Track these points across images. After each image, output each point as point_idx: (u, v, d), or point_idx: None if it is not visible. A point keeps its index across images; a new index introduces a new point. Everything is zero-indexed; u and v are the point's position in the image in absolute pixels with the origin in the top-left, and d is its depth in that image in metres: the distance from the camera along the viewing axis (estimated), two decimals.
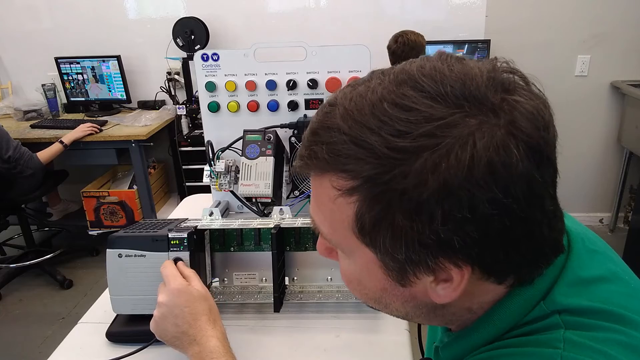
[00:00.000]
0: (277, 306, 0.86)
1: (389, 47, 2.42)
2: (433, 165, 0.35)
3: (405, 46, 2.33)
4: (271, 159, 1.06)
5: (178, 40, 2.92)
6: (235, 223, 0.91)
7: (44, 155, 2.54)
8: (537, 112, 0.38)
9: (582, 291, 0.43)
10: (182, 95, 3.13)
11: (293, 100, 1.17)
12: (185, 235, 0.81)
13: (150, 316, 0.82)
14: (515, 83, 0.39)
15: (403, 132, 0.36)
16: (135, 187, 2.96)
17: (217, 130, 1.22)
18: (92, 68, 3.04)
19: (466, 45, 2.84)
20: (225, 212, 1.27)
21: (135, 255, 0.81)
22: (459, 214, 0.35)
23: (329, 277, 0.93)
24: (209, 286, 0.93)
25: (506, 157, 0.35)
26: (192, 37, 2.89)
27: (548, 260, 0.43)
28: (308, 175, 0.44)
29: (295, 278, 0.94)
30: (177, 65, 3.03)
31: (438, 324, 0.52)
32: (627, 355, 0.39)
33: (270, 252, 0.88)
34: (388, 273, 0.42)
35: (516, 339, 0.43)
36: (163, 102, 3.14)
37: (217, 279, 0.95)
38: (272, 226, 0.87)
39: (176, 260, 0.78)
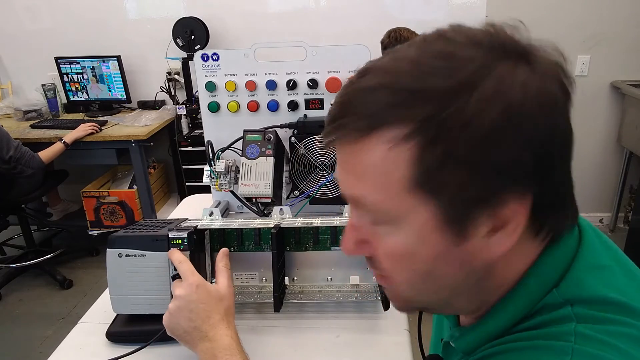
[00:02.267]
0: (277, 306, 0.86)
1: (382, 42, 2.44)
2: (491, 93, 0.37)
3: (396, 41, 2.33)
4: (271, 159, 1.06)
5: (178, 40, 2.92)
6: (235, 223, 0.91)
7: (45, 154, 2.54)
8: (556, 60, 0.42)
9: (595, 277, 0.44)
10: (182, 95, 3.13)
11: (293, 100, 1.17)
12: (185, 235, 0.81)
13: (150, 316, 0.83)
14: (530, 39, 0.42)
15: (452, 70, 0.38)
16: (135, 187, 2.96)
17: (217, 130, 1.22)
18: (92, 68, 3.04)
19: None
20: (225, 212, 1.27)
21: (135, 255, 0.81)
22: (519, 138, 0.37)
23: (329, 277, 0.93)
24: None
25: (548, 85, 0.39)
26: (192, 37, 2.89)
27: (572, 217, 0.46)
28: (338, 147, 0.42)
29: (295, 278, 0.94)
30: (177, 65, 3.03)
31: (471, 309, 0.49)
32: (636, 347, 0.39)
33: (270, 252, 0.88)
34: (446, 229, 0.41)
35: (526, 332, 0.43)
36: (163, 102, 3.14)
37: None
38: (272, 226, 0.87)
39: (174, 278, 0.77)
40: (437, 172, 0.38)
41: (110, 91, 3.10)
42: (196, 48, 2.90)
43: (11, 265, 2.82)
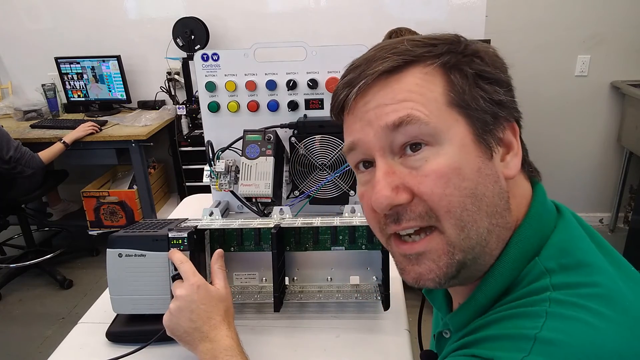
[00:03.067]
0: (277, 306, 0.86)
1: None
2: (473, 43, 0.51)
3: None
4: (271, 159, 1.06)
5: (178, 40, 2.92)
6: (235, 223, 0.91)
7: (45, 155, 2.54)
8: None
9: (572, 244, 0.49)
10: (182, 95, 3.13)
11: (293, 100, 1.17)
12: (185, 235, 0.81)
13: (150, 316, 0.83)
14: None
15: (447, 38, 0.51)
16: (135, 187, 2.96)
17: (217, 130, 1.22)
18: (92, 68, 3.04)
19: None
20: (225, 212, 1.27)
21: (135, 255, 0.81)
22: (503, 65, 0.52)
23: (329, 277, 0.93)
24: None
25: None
26: (192, 37, 2.89)
27: (527, 160, 0.55)
28: (371, 86, 0.50)
29: (295, 278, 0.94)
30: (177, 65, 3.03)
31: (494, 248, 0.50)
32: (605, 305, 0.42)
33: (270, 252, 0.88)
34: (479, 143, 0.48)
35: (507, 305, 0.47)
36: (163, 102, 3.14)
37: None
38: (272, 226, 0.87)
39: (174, 278, 0.77)
40: (462, 89, 0.48)
41: (110, 91, 3.10)
42: (196, 48, 2.90)
43: (11, 265, 2.82)
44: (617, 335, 0.41)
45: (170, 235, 0.81)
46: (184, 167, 2.97)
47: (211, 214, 0.95)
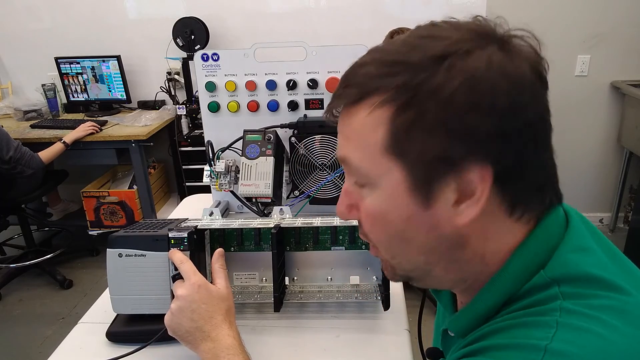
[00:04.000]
0: (277, 306, 0.86)
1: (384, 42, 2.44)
2: (458, 64, 0.42)
3: None
4: (271, 159, 1.06)
5: (178, 40, 2.92)
6: (235, 223, 0.91)
7: (45, 154, 2.54)
8: (533, 44, 0.46)
9: (581, 258, 0.46)
10: (182, 95, 3.13)
11: (293, 100, 1.17)
12: (185, 235, 0.81)
13: (150, 316, 0.83)
14: (510, 30, 0.47)
15: (430, 45, 0.43)
16: (135, 187, 2.96)
17: (217, 130, 1.22)
18: (92, 68, 3.04)
19: None
20: (225, 212, 1.27)
21: (135, 255, 0.81)
22: (482, 104, 0.41)
23: (329, 277, 0.93)
24: None
25: (515, 63, 0.43)
26: (192, 37, 2.89)
27: (551, 198, 0.48)
28: (340, 115, 0.48)
29: (295, 278, 0.94)
30: (177, 65, 3.03)
31: (452, 281, 0.52)
32: (619, 318, 0.41)
33: (270, 252, 0.88)
34: (414, 193, 0.45)
35: (516, 312, 0.45)
36: (163, 102, 3.14)
37: None
38: (272, 226, 0.87)
39: (175, 278, 0.77)
40: (404, 135, 0.43)
41: (110, 91, 3.09)
42: (196, 48, 2.90)
43: (11, 265, 2.82)
44: (630, 349, 0.40)
45: (170, 235, 0.81)
46: (184, 167, 2.97)
47: (211, 214, 0.96)
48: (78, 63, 3.04)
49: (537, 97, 0.44)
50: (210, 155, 1.16)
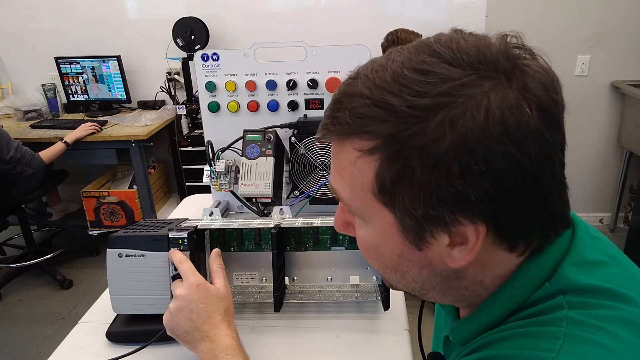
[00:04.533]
0: (277, 306, 0.86)
1: (381, 45, 2.44)
2: (450, 121, 0.37)
3: (394, 44, 2.34)
4: (271, 159, 1.06)
5: (178, 40, 2.92)
6: (235, 223, 0.91)
7: (46, 154, 2.54)
8: (546, 77, 0.41)
9: (586, 271, 0.45)
10: (182, 95, 3.13)
11: (293, 100, 1.17)
12: (185, 235, 0.81)
13: (150, 316, 0.82)
14: (525, 53, 0.42)
15: (422, 93, 0.38)
16: (135, 187, 2.96)
17: (217, 130, 1.22)
18: (92, 68, 3.04)
19: None
20: (225, 212, 1.27)
21: (135, 255, 0.81)
22: (475, 167, 0.37)
23: (329, 277, 0.93)
24: None
25: (519, 115, 0.38)
26: (192, 37, 2.89)
27: (557, 231, 0.45)
28: (329, 142, 0.46)
29: (295, 278, 0.94)
30: (177, 65, 3.03)
31: (450, 301, 0.52)
32: (626, 330, 0.40)
33: (270, 252, 0.88)
34: (406, 236, 0.43)
35: (520, 321, 0.44)
36: (163, 102, 3.14)
37: None
38: (272, 226, 0.87)
39: (175, 278, 0.77)
40: (392, 187, 0.41)
41: (110, 91, 3.09)
42: (196, 48, 2.90)
43: (11, 265, 2.82)
44: None
45: (170, 235, 0.81)
46: (184, 167, 2.97)
47: (211, 214, 0.95)
48: (78, 63, 3.04)
49: (545, 148, 0.39)
50: (210, 155, 1.16)
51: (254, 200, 1.09)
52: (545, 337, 0.40)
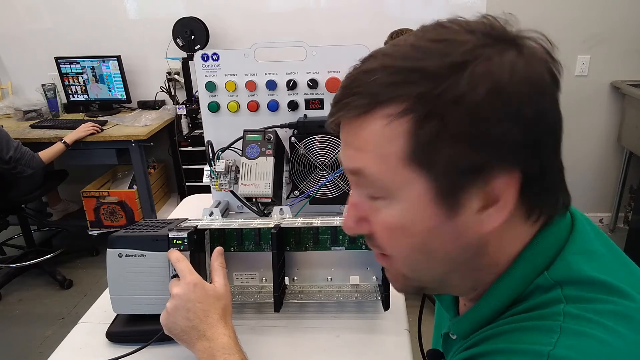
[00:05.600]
0: (277, 306, 0.86)
1: (385, 43, 2.44)
2: (482, 73, 0.40)
3: None
4: (271, 159, 1.06)
5: (178, 40, 2.92)
6: (235, 223, 0.91)
7: (46, 154, 2.54)
8: (545, 46, 0.45)
9: (587, 260, 0.45)
10: (182, 95, 3.13)
11: (293, 100, 1.17)
12: (185, 235, 0.81)
13: (150, 316, 0.82)
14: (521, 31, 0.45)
15: (446, 54, 0.41)
16: (135, 187, 2.96)
17: (217, 130, 1.22)
18: (92, 68, 3.04)
19: None
20: (225, 212, 1.27)
21: (135, 255, 0.81)
22: (508, 113, 0.40)
23: (329, 277, 0.93)
24: None
25: (536, 70, 0.42)
26: (192, 37, 2.89)
27: (563, 202, 0.48)
28: (342, 125, 0.45)
29: (295, 278, 0.94)
30: (177, 65, 3.03)
31: (465, 288, 0.51)
32: (622, 324, 0.41)
33: (270, 252, 0.88)
34: (439, 202, 0.43)
35: (518, 315, 0.45)
36: (163, 102, 3.14)
37: None
38: (272, 226, 0.87)
39: (174, 277, 0.77)
40: (429, 146, 0.41)
41: (110, 91, 3.10)
42: (196, 48, 2.90)
43: (11, 265, 2.82)
44: (634, 356, 0.40)
45: (170, 235, 0.81)
46: (184, 167, 2.97)
47: (211, 214, 0.95)
48: (78, 63, 3.04)
49: (555, 101, 0.44)
50: (210, 155, 1.16)
51: (254, 200, 1.09)
52: (543, 331, 0.41)
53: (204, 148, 1.18)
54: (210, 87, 1.18)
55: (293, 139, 1.12)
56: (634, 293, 0.43)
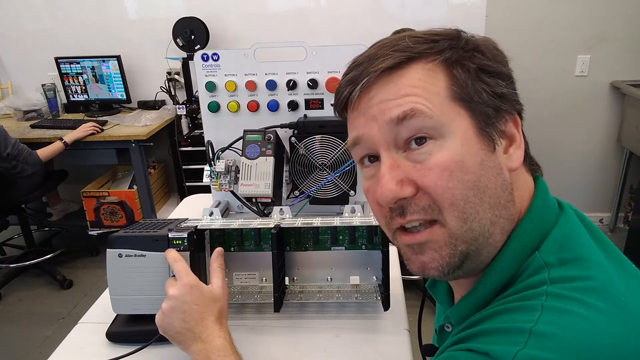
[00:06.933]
0: (277, 306, 0.86)
1: None
2: (471, 38, 0.52)
3: None
4: (271, 159, 1.06)
5: (178, 40, 2.92)
6: (235, 223, 0.91)
7: (44, 152, 2.54)
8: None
9: (572, 240, 0.49)
10: (182, 95, 3.13)
11: (293, 100, 1.17)
12: (185, 235, 0.81)
13: (150, 316, 0.82)
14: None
15: (441, 32, 0.52)
16: (135, 187, 2.96)
17: (217, 130, 1.22)
18: (92, 68, 3.04)
19: None
20: (225, 212, 1.27)
21: (135, 255, 0.81)
22: (500, 59, 0.52)
23: (329, 277, 0.93)
24: None
25: (493, 44, 0.54)
26: (192, 37, 2.89)
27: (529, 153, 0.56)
28: (374, 84, 0.51)
29: (295, 278, 0.94)
30: (177, 65, 3.03)
31: (497, 239, 0.51)
32: (601, 299, 0.43)
33: (270, 252, 0.88)
34: (481, 136, 0.49)
35: (506, 299, 0.48)
36: (163, 102, 3.14)
37: None
38: (272, 226, 0.87)
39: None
40: (465, 84, 0.49)
41: (110, 91, 3.10)
42: (196, 48, 2.90)
43: (11, 265, 2.82)
44: (612, 329, 0.41)
45: (170, 235, 0.81)
46: (184, 167, 2.97)
47: (211, 214, 0.95)
48: (78, 63, 3.04)
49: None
50: (210, 155, 1.16)
51: (254, 200, 1.09)
52: (525, 311, 0.43)
53: (204, 148, 1.18)
54: (210, 87, 1.18)
55: (293, 139, 1.12)
56: (611, 271, 0.46)
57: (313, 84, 1.15)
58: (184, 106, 2.92)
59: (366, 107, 0.51)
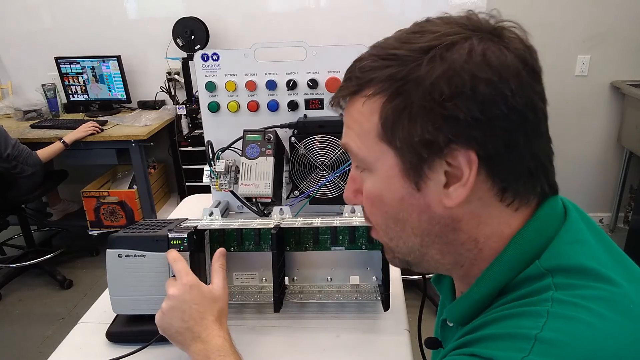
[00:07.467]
0: (277, 306, 0.86)
1: None
2: (440, 55, 0.45)
3: None
4: (271, 159, 1.06)
5: (178, 40, 2.92)
6: (235, 223, 0.91)
7: (44, 153, 2.54)
8: (523, 36, 0.49)
9: (575, 250, 0.47)
10: (182, 95, 3.13)
11: (293, 100, 1.17)
12: (185, 235, 0.81)
13: (150, 316, 0.82)
14: (501, 21, 0.50)
15: (419, 39, 0.46)
16: (135, 187, 2.96)
17: (217, 130, 1.22)
18: (92, 68, 3.04)
19: None
20: (225, 212, 1.27)
21: (135, 255, 0.81)
22: (463, 90, 0.43)
23: (329, 277, 0.93)
24: None
25: (498, 53, 0.45)
26: (192, 37, 2.89)
27: (542, 187, 0.49)
28: (343, 107, 0.52)
29: (295, 278, 0.94)
30: (177, 65, 3.03)
31: (449, 264, 0.53)
32: (607, 307, 0.42)
33: (270, 252, 0.88)
34: (406, 175, 0.48)
35: (510, 303, 0.47)
36: (163, 102, 3.14)
37: None
38: (272, 226, 0.87)
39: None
40: (393, 122, 0.46)
41: (110, 91, 3.10)
42: (196, 48, 2.90)
43: (11, 265, 2.82)
44: (618, 338, 0.41)
45: (170, 235, 0.81)
46: (184, 167, 2.97)
47: (211, 214, 0.95)
48: (78, 63, 3.04)
49: (524, 85, 0.45)
50: (210, 155, 1.16)
51: (254, 200, 1.09)
52: (531, 316, 0.43)
53: (204, 148, 1.18)
54: (210, 87, 1.18)
55: (293, 139, 1.12)
56: (619, 279, 0.45)
57: (313, 84, 1.15)
58: (184, 106, 2.92)
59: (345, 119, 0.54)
